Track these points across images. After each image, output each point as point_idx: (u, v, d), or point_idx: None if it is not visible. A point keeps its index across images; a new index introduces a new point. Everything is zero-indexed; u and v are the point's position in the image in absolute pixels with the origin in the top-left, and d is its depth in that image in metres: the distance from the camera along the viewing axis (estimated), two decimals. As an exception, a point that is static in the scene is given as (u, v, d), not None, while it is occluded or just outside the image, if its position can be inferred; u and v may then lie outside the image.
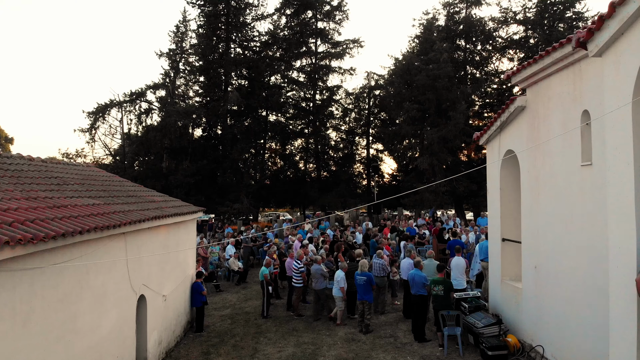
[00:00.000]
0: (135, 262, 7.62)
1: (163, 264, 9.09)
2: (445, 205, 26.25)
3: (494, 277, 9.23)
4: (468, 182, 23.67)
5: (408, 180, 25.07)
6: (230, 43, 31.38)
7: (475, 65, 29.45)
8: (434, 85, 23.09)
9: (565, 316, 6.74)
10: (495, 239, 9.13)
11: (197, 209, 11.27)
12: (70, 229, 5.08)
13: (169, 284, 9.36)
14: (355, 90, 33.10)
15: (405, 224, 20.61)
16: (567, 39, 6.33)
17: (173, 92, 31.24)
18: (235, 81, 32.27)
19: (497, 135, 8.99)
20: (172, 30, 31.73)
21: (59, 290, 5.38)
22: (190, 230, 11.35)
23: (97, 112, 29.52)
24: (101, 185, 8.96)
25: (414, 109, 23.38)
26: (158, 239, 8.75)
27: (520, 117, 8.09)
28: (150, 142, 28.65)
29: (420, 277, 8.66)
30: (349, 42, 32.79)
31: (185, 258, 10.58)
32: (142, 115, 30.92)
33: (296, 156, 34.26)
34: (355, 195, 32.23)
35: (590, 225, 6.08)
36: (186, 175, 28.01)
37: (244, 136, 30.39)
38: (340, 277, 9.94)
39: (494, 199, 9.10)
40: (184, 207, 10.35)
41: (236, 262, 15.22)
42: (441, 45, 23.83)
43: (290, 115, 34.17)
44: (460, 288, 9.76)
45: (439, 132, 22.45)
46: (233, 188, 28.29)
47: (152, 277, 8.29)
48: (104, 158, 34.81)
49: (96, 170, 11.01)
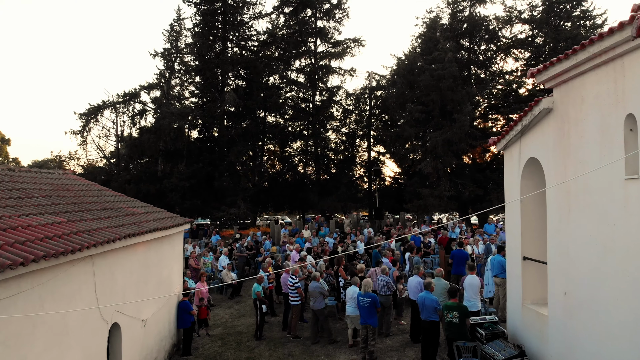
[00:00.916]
0: (107, 287, 6.66)
1: (143, 284, 8.13)
2: (449, 211, 25.25)
3: (514, 300, 8.26)
4: (474, 187, 22.71)
5: (411, 185, 24.09)
6: (227, 42, 30.45)
7: (480, 65, 28.46)
8: (438, 85, 22.12)
9: (602, 354, 5.78)
10: (515, 257, 8.15)
11: (183, 220, 10.31)
12: (8, 261, 4.12)
13: (150, 306, 8.40)
14: (355, 91, 32.15)
15: (410, 231, 19.65)
16: (608, 30, 5.38)
17: (168, 92, 30.32)
18: (232, 82, 31.32)
19: (517, 141, 8.03)
20: (166, 29, 30.81)
21: (1, 331, 4.43)
22: (176, 244, 10.39)
23: (89, 113, 28.60)
24: (73, 197, 8.00)
25: (417, 110, 22.41)
26: (136, 258, 7.79)
27: (546, 120, 7.12)
28: (144, 145, 27.72)
29: (431, 301, 7.69)
30: (349, 41, 31.85)
31: (169, 275, 9.62)
32: (136, 116, 30.01)
33: (295, 158, 33.30)
34: (356, 199, 31.25)
35: (637, 249, 5.13)
36: (181, 178, 27.09)
37: (242, 138, 29.43)
38: (353, 294, 8.92)
39: (514, 212, 8.14)
40: (167, 220, 9.38)
41: (229, 274, 14.24)
42: (445, 45, 22.86)
43: (289, 117, 33.21)
44: (475, 310, 8.79)
45: (443, 135, 21.49)
46: (230, 192, 27.33)
47: (129, 298, 7.33)
48: (98, 161, 34.01)
49: (73, 178, 10.05)
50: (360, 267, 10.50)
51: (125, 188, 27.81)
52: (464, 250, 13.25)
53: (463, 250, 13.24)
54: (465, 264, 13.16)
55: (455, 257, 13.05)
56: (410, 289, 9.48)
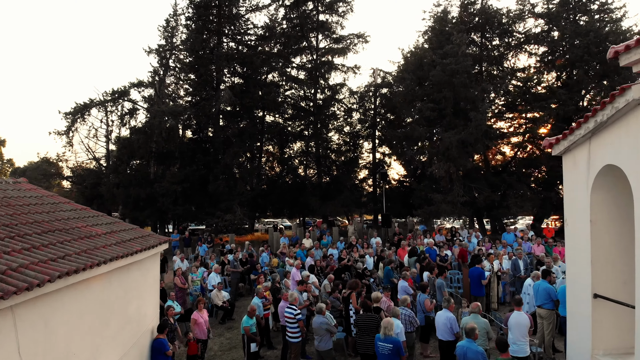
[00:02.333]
0: (39, 343, 4.83)
1: (100, 327, 6.29)
2: (461, 217, 23.43)
3: (578, 347, 6.43)
4: (489, 192, 20.88)
5: (422, 189, 22.27)
6: (222, 37, 28.62)
7: (492, 61, 26.64)
8: (452, 81, 20.30)
9: None
10: (581, 293, 6.33)
11: (159, 240, 8.46)
12: None
13: (111, 351, 6.57)
14: (359, 89, 30.30)
15: (420, 240, 17.80)
16: None
17: (161, 90, 28.47)
18: (228, 79, 29.50)
19: (584, 143, 6.20)
20: (161, 25, 28.97)
21: None
22: (150, 269, 8.56)
23: (75, 112, 26.76)
24: (10, 217, 6.15)
25: (428, 108, 20.58)
26: (90, 295, 5.95)
27: (633, 116, 5.29)
28: (133, 145, 25.89)
29: (476, 353, 5.83)
30: (353, 36, 30.02)
31: (140, 309, 7.78)
32: (126, 115, 28.18)
33: (295, 160, 31.46)
34: (360, 204, 29.42)
35: None
36: (173, 182, 25.24)
37: (238, 139, 27.60)
38: (399, 329, 7.16)
39: (579, 235, 6.30)
40: (136, 242, 7.54)
41: (220, 295, 12.40)
42: (460, 37, 21.03)
43: (289, 116, 31.37)
44: (523, 355, 6.97)
45: (457, 135, 19.65)
46: (225, 196, 25.49)
47: (77, 351, 5.49)
48: (88, 163, 32.27)
49: (25, 189, 8.22)
50: (376, 297, 8.64)
51: (113, 192, 26.02)
52: (479, 268, 11.44)
53: (479, 268, 11.42)
54: (481, 283, 11.43)
55: (472, 277, 11.28)
56: (438, 326, 7.63)
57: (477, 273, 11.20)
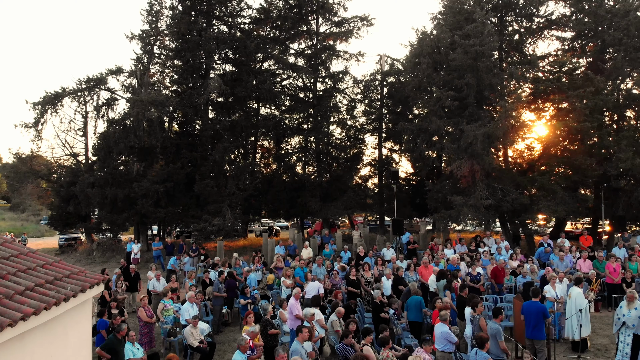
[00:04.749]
0: None
1: None
2: (483, 222, 20.62)
3: None
4: (517, 194, 18.07)
5: (439, 189, 19.45)
6: (212, 19, 25.63)
7: (513, 47, 23.71)
8: (475, 65, 17.43)
9: None
10: None
11: (94, 279, 5.58)
12: None
13: None
14: (364, 78, 27.39)
15: (442, 254, 14.97)
16: None
17: (143, 79, 25.48)
18: (218, 66, 26.52)
19: None
20: (144, 9, 25.94)
21: None
22: (80, 321, 5.68)
23: (45, 102, 23.74)
24: None
25: (448, 96, 17.70)
26: None
27: None
28: (110, 139, 22.94)
29: None
30: (356, 19, 27.08)
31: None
32: (103, 106, 25.21)
33: (293, 157, 28.58)
34: (364, 206, 26.61)
35: None
36: (154, 181, 22.36)
37: (229, 133, 24.69)
38: None
39: None
40: (53, 295, 4.63)
41: (195, 333, 9.53)
42: (483, 14, 18.13)
43: (286, 108, 28.41)
44: None
45: (482, 128, 16.80)
46: (214, 197, 22.60)
47: None
48: (66, 159, 29.39)
49: None
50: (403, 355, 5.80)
51: (87, 193, 23.11)
52: (539, 303, 8.58)
53: (538, 303, 8.57)
54: (544, 322, 8.60)
55: (528, 314, 8.47)
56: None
57: (536, 309, 8.34)
